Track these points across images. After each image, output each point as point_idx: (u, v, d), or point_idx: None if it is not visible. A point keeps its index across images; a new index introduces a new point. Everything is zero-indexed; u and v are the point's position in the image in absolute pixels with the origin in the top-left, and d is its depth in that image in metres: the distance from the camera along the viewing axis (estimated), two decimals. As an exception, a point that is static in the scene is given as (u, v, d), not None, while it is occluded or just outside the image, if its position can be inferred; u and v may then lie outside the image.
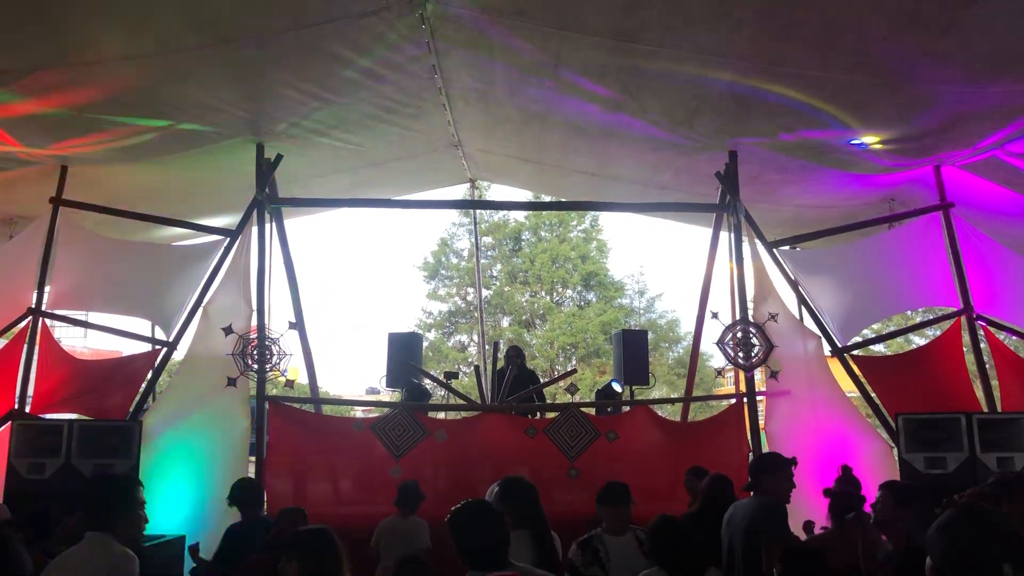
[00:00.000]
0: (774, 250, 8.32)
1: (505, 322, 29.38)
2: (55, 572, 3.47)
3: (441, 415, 8.69)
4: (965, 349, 8.21)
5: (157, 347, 8.13)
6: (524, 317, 29.40)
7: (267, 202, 8.27)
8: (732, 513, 4.91)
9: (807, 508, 6.16)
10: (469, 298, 29.56)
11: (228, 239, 8.13)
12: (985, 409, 7.66)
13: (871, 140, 7.22)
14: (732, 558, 4.77)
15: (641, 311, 29.98)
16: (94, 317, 8.95)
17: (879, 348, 14.96)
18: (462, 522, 3.28)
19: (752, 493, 4.97)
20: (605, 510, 4.91)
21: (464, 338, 29.68)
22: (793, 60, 5.98)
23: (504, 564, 3.18)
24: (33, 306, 7.86)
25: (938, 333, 8.98)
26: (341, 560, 3.45)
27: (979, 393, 7.96)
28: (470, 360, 27.56)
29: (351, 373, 44.61)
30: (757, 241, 8.28)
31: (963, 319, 8.06)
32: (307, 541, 3.51)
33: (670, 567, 3.98)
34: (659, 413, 8.65)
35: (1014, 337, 8.59)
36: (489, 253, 29.98)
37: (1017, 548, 1.88)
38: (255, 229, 8.21)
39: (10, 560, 3.42)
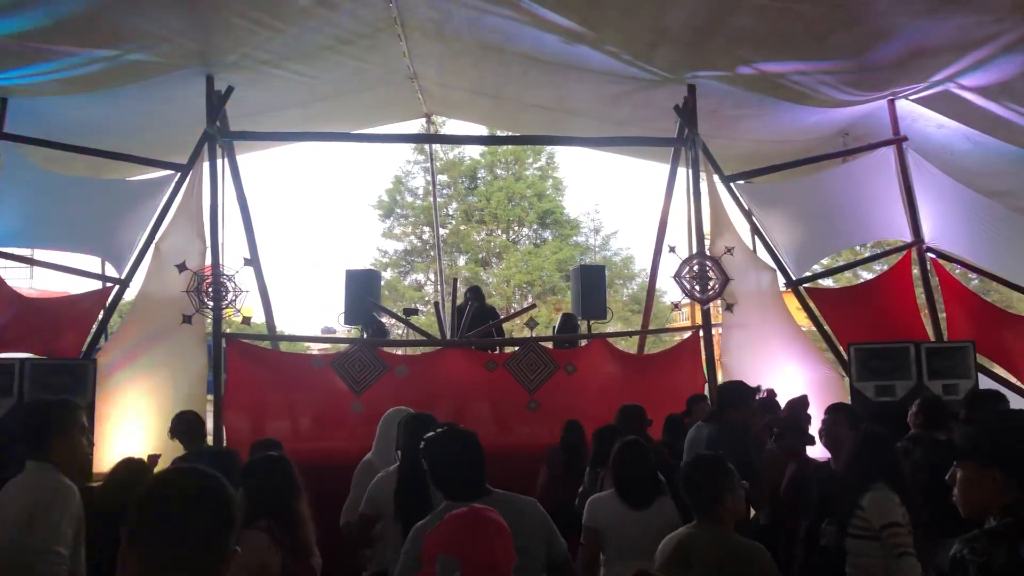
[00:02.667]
0: (731, 184, 8.36)
1: (462, 260, 29.36)
2: None
3: (401, 351, 8.68)
4: (915, 281, 8.39)
5: (109, 284, 7.96)
6: (480, 255, 29.41)
7: (218, 135, 8.06)
8: (695, 436, 5.00)
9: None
10: (425, 237, 29.44)
11: (179, 174, 7.93)
12: (933, 339, 7.88)
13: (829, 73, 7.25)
14: None
15: (596, 248, 30.19)
16: (41, 255, 8.72)
17: (827, 282, 15.26)
18: (436, 451, 3.14)
19: (712, 420, 5.06)
20: None
21: (420, 277, 29.64)
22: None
23: (481, 493, 3.03)
24: (-23, 244, 7.63)
25: (886, 267, 9.18)
26: (294, 490, 3.43)
27: (927, 323, 8.19)
28: (427, 299, 27.53)
29: (306, 312, 44.31)
30: (714, 175, 8.31)
31: (913, 251, 8.23)
32: (256, 468, 3.49)
33: (623, 491, 4.14)
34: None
35: (960, 269, 8.81)
36: (444, 191, 29.76)
37: None
38: (207, 164, 8.02)
39: None
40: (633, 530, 3.99)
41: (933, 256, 8.24)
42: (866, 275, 15.64)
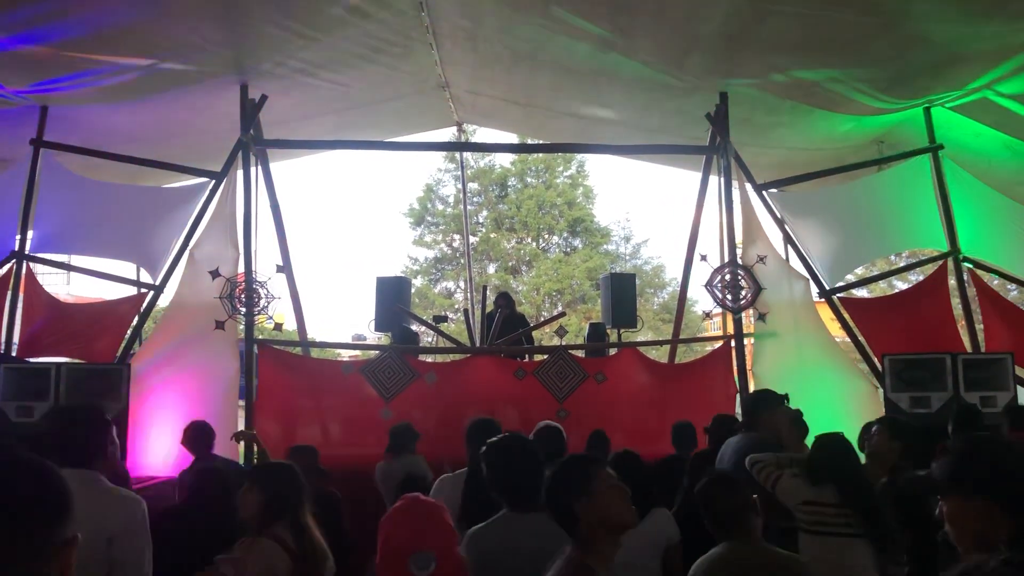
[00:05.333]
0: (763, 192, 8.29)
1: (491, 268, 29.39)
2: None
3: (430, 358, 8.69)
4: (951, 292, 8.26)
5: (143, 291, 8.07)
6: (510, 263, 29.42)
7: (252, 143, 8.15)
8: (723, 450, 4.97)
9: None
10: (455, 244, 29.50)
11: (213, 181, 8.02)
12: (970, 349, 7.74)
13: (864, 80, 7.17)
14: None
15: (627, 257, 30.07)
16: (78, 261, 8.86)
17: (862, 292, 15.06)
18: (497, 458, 3.06)
19: (744, 430, 5.02)
20: None
21: (451, 284, 29.71)
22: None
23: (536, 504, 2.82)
24: (16, 249, 7.76)
25: (921, 277, 9.04)
26: (302, 495, 3.35)
27: (964, 335, 8.04)
28: (456, 307, 27.58)
29: (337, 319, 44.60)
30: (747, 183, 8.24)
31: (950, 261, 8.10)
32: (270, 473, 3.45)
33: None
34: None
35: (998, 280, 8.64)
36: (475, 199, 29.83)
37: None
38: (240, 172, 8.11)
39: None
40: None
41: (970, 266, 8.11)
42: (901, 285, 15.47)
